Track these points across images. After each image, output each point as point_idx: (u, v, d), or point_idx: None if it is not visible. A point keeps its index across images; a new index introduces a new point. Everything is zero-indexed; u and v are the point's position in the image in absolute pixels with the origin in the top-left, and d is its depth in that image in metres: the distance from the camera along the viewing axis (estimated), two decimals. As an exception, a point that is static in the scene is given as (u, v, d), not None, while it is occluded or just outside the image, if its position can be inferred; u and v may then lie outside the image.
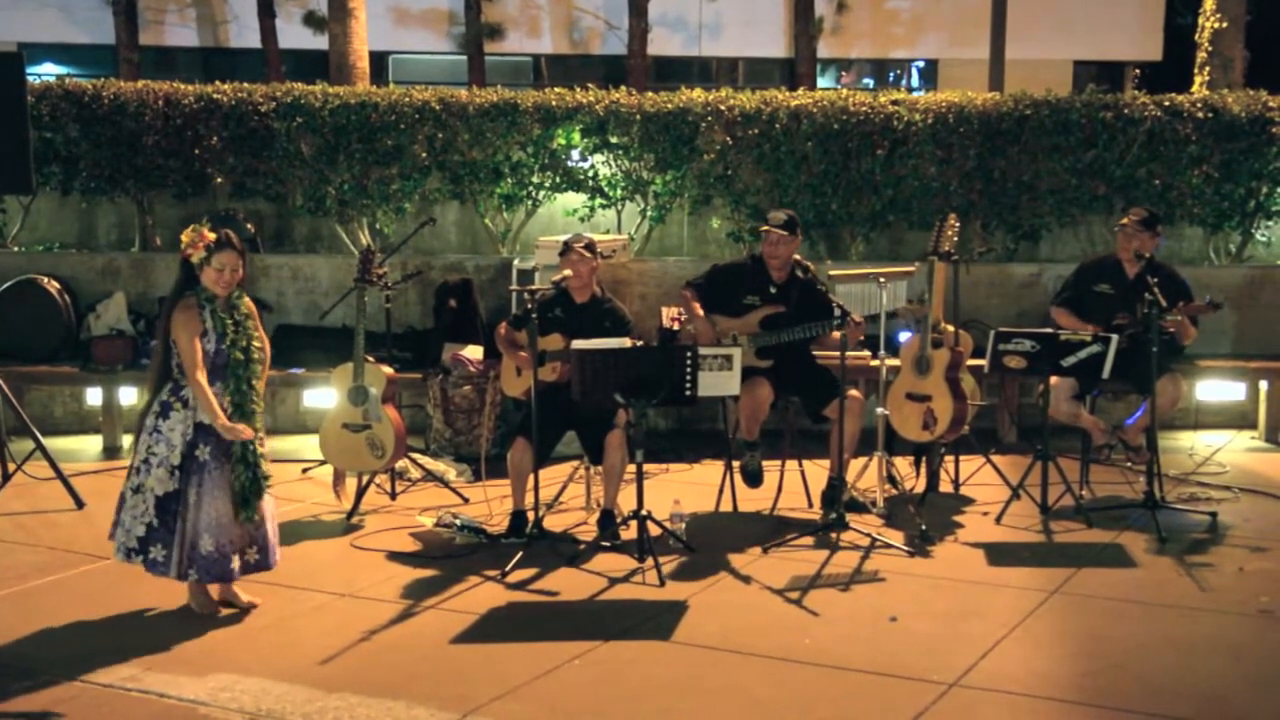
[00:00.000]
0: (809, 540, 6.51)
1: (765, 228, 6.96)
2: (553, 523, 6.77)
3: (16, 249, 10.19)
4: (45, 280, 9.40)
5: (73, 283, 9.60)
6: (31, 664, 4.96)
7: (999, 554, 6.34)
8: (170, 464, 5.34)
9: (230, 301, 5.45)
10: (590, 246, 6.84)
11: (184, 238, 5.38)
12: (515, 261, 9.22)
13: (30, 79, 8.99)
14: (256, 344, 5.49)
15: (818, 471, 7.27)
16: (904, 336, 7.43)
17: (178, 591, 5.76)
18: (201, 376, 5.29)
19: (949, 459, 7.56)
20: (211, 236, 5.34)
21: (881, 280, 6.91)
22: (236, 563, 5.41)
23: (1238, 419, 9.37)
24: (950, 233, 7.15)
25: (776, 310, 6.96)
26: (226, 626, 5.36)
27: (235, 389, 5.39)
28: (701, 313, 6.95)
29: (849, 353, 6.59)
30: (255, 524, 5.44)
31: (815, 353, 7.15)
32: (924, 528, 6.61)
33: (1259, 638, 5.26)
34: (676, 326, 7.67)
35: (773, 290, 7.01)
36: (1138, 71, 22.28)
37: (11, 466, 7.54)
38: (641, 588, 5.84)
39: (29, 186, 8.03)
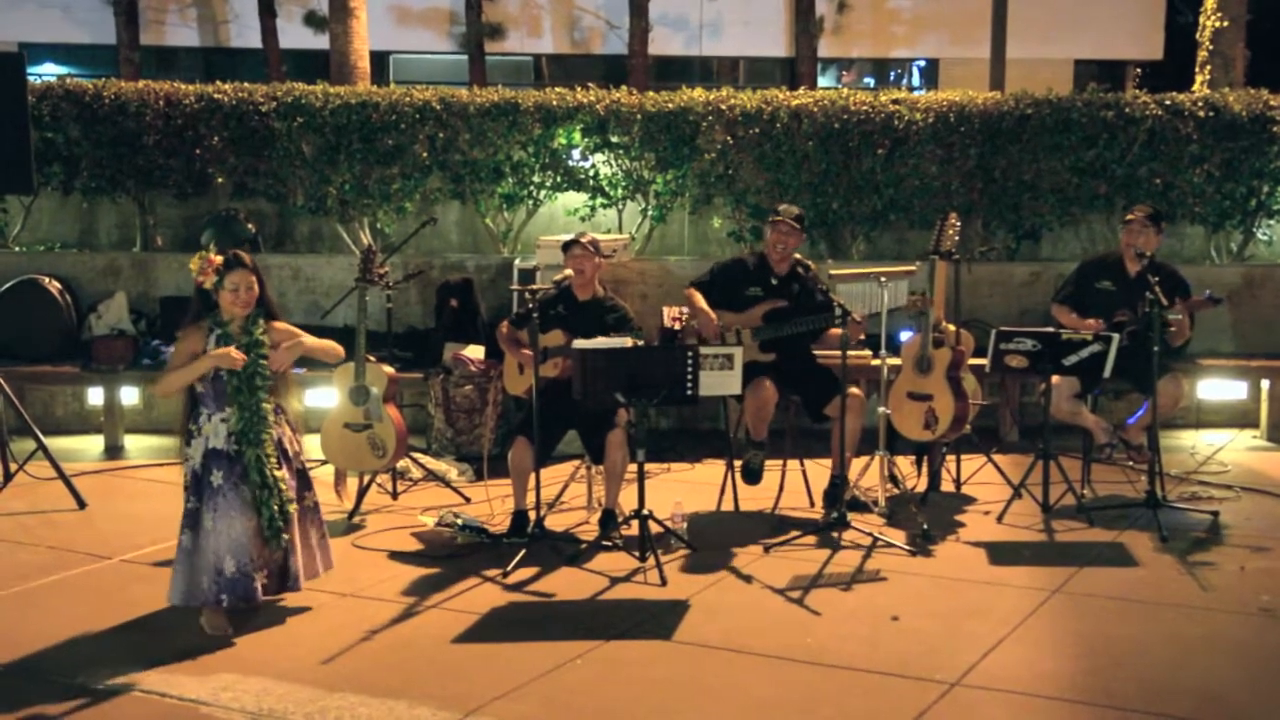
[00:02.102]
0: (811, 539, 6.51)
1: (778, 218, 6.98)
2: (554, 522, 6.77)
3: (18, 249, 10.19)
4: (46, 280, 9.40)
5: (74, 282, 9.61)
6: (32, 664, 4.96)
7: (1000, 553, 6.34)
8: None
9: (246, 327, 5.35)
10: (594, 244, 6.86)
11: (192, 266, 5.30)
12: (516, 261, 9.22)
13: (31, 79, 8.99)
14: (264, 372, 5.35)
15: (819, 471, 7.27)
16: (905, 335, 7.44)
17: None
18: (160, 380, 5.42)
19: (950, 458, 7.57)
20: (219, 260, 5.28)
21: (882, 279, 6.92)
22: (260, 580, 5.32)
23: (1239, 418, 9.36)
24: (951, 232, 7.15)
25: (779, 305, 6.98)
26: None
27: (238, 416, 5.30)
28: (706, 306, 6.96)
29: (850, 352, 6.60)
30: (282, 550, 5.41)
31: (816, 352, 7.16)
32: (925, 527, 6.61)
33: (1260, 637, 5.26)
34: (678, 326, 7.67)
35: (774, 282, 7.04)
36: (1139, 70, 22.28)
37: (13, 466, 7.54)
38: (643, 587, 5.84)
39: (30, 186, 8.04)
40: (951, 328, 7.12)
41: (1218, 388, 9.30)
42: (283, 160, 9.89)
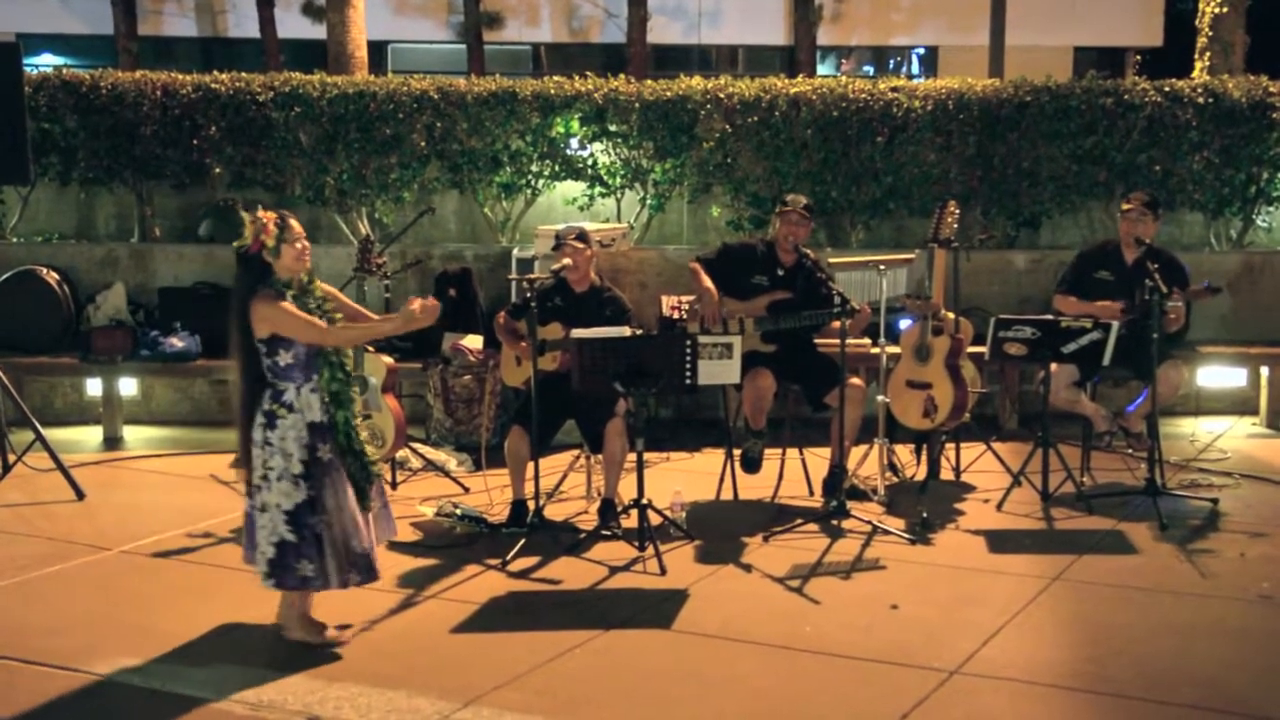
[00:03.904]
0: (810, 528, 6.51)
1: (786, 209, 6.95)
2: (553, 512, 6.77)
3: (15, 240, 10.18)
4: (44, 271, 9.39)
5: (72, 273, 9.60)
6: (32, 655, 4.95)
7: (1000, 541, 6.34)
8: (292, 474, 4.92)
9: (304, 286, 5.08)
10: (582, 236, 6.83)
11: (247, 231, 4.92)
12: (514, 250, 9.21)
13: (28, 69, 8.97)
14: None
15: (818, 459, 7.26)
16: (904, 324, 7.43)
17: (179, 584, 5.78)
18: (329, 329, 4.97)
19: (950, 446, 7.56)
20: (274, 216, 4.98)
21: (881, 268, 6.91)
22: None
23: (1239, 405, 9.36)
24: (950, 220, 7.14)
25: (784, 296, 6.96)
26: (227, 618, 5.33)
27: (331, 377, 5.02)
28: (709, 284, 6.91)
29: (849, 340, 6.58)
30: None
31: (816, 341, 7.15)
32: (925, 515, 6.61)
33: (1260, 624, 5.26)
34: (676, 315, 7.65)
35: (780, 273, 7.01)
36: (1138, 57, 22.22)
37: (11, 457, 7.54)
38: (642, 576, 5.84)
39: (27, 177, 8.01)
40: (950, 316, 7.11)
41: (1217, 375, 9.30)
42: (280, 150, 9.87)
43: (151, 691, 4.64)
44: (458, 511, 6.62)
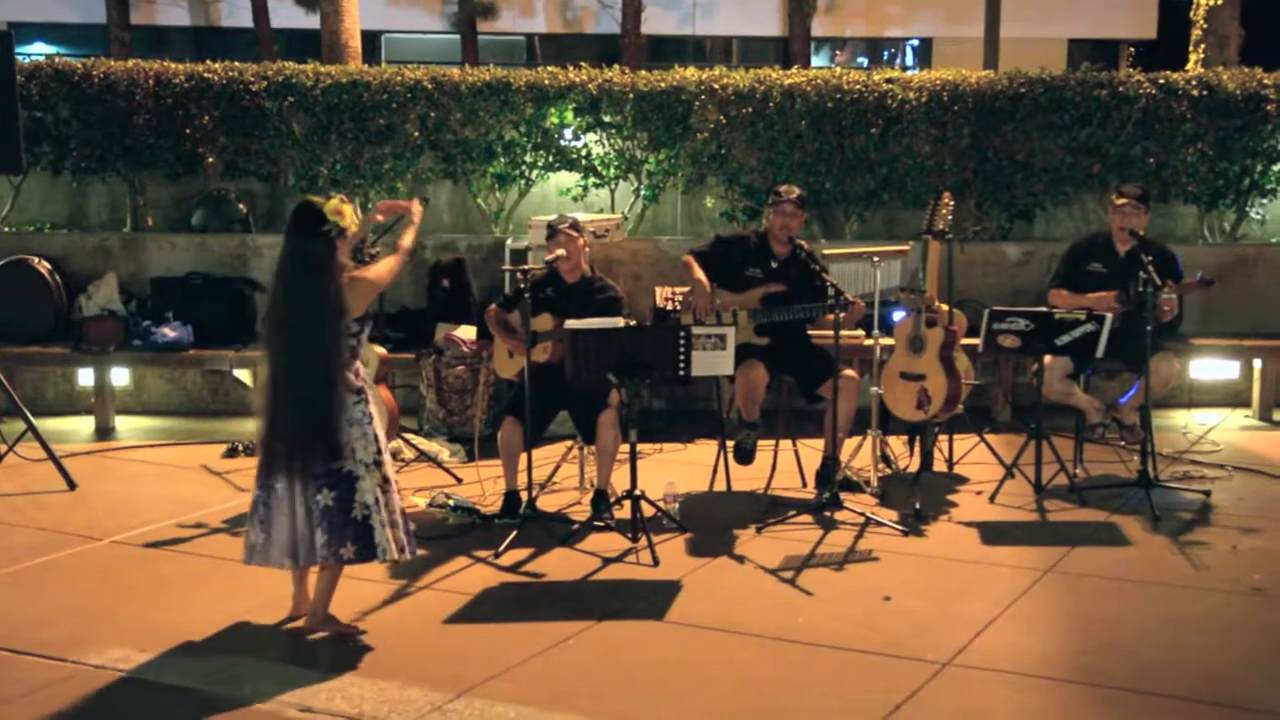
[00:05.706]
0: (803, 519, 6.51)
1: (779, 200, 6.93)
2: (546, 503, 6.76)
3: (7, 229, 10.13)
4: (36, 260, 9.35)
5: (64, 263, 9.56)
6: (22, 645, 4.94)
7: (993, 533, 6.34)
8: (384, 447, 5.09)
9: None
10: (575, 225, 6.82)
11: (338, 210, 4.84)
12: (508, 241, 9.20)
13: (20, 58, 8.93)
14: None
15: (811, 451, 7.26)
16: (898, 315, 7.43)
17: (170, 574, 5.76)
18: (395, 259, 5.05)
19: (943, 438, 7.56)
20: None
21: (875, 259, 6.90)
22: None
23: (1232, 397, 9.37)
24: (944, 211, 7.13)
25: (777, 289, 6.95)
26: (219, 609, 5.33)
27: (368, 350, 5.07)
28: (701, 277, 6.90)
29: (843, 331, 6.58)
30: None
31: (810, 332, 7.15)
32: (918, 507, 6.61)
33: (1252, 616, 5.27)
34: (670, 306, 7.63)
35: (774, 265, 7.00)
36: (1132, 49, 22.25)
37: (3, 447, 7.52)
38: (635, 568, 5.84)
39: (19, 166, 7.99)
40: (944, 307, 7.11)
41: (1210, 367, 9.30)
42: (274, 140, 9.84)
43: (142, 682, 4.63)
44: (450, 502, 6.61)
